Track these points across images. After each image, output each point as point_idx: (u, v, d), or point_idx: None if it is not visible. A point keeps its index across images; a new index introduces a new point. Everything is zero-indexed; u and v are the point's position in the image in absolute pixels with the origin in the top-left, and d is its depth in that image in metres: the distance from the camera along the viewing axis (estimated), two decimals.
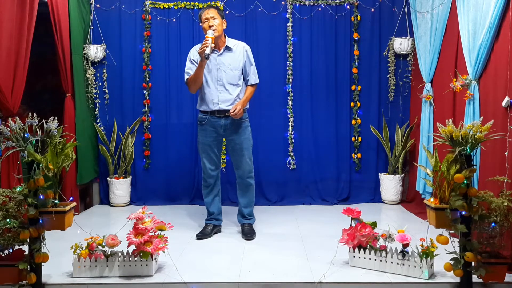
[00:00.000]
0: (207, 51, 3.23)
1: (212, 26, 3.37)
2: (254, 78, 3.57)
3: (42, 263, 2.59)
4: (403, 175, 4.71)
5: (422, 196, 4.20)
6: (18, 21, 3.44)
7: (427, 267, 2.62)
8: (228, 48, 3.50)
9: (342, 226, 3.02)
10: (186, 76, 3.51)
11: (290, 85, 4.76)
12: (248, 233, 3.55)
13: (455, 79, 3.54)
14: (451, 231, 2.58)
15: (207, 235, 3.58)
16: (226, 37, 3.54)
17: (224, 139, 3.65)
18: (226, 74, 3.46)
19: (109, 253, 2.75)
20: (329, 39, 4.77)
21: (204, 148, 3.57)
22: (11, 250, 2.64)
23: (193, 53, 3.50)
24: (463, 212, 2.50)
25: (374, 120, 4.82)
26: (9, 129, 2.58)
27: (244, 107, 3.47)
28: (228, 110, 3.44)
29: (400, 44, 4.64)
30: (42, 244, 2.58)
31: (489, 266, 2.52)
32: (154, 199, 4.80)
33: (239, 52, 3.52)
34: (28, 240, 2.56)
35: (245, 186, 3.63)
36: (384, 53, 4.79)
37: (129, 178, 4.74)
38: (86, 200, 4.74)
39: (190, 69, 3.49)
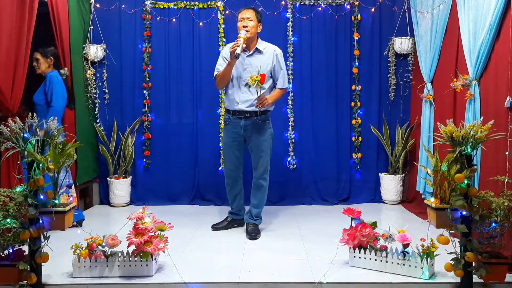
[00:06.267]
0: (238, 50, 3.29)
1: (246, 26, 3.41)
2: (282, 83, 3.58)
3: (42, 263, 2.59)
4: (403, 175, 4.71)
5: (423, 196, 4.20)
6: (18, 21, 3.43)
7: (427, 267, 2.62)
8: (258, 50, 3.54)
9: (343, 226, 3.02)
10: (215, 72, 3.58)
11: (290, 85, 4.74)
12: (252, 233, 3.55)
13: (455, 79, 3.54)
14: (451, 231, 2.57)
15: (222, 228, 3.76)
16: (259, 39, 3.58)
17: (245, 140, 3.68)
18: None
19: (109, 253, 2.75)
20: (329, 39, 4.76)
21: (225, 147, 3.70)
22: (11, 250, 2.64)
23: (225, 51, 3.57)
24: (464, 212, 2.50)
25: (375, 120, 4.81)
26: (9, 129, 2.58)
27: (271, 102, 3.48)
28: (248, 111, 3.49)
29: (401, 44, 4.63)
30: (42, 244, 2.58)
31: (490, 266, 2.51)
32: (154, 199, 4.79)
33: (269, 55, 3.54)
34: (28, 240, 2.56)
35: (256, 186, 3.67)
36: (385, 53, 4.78)
37: (129, 178, 4.74)
38: (86, 200, 4.73)
39: (220, 65, 3.56)
